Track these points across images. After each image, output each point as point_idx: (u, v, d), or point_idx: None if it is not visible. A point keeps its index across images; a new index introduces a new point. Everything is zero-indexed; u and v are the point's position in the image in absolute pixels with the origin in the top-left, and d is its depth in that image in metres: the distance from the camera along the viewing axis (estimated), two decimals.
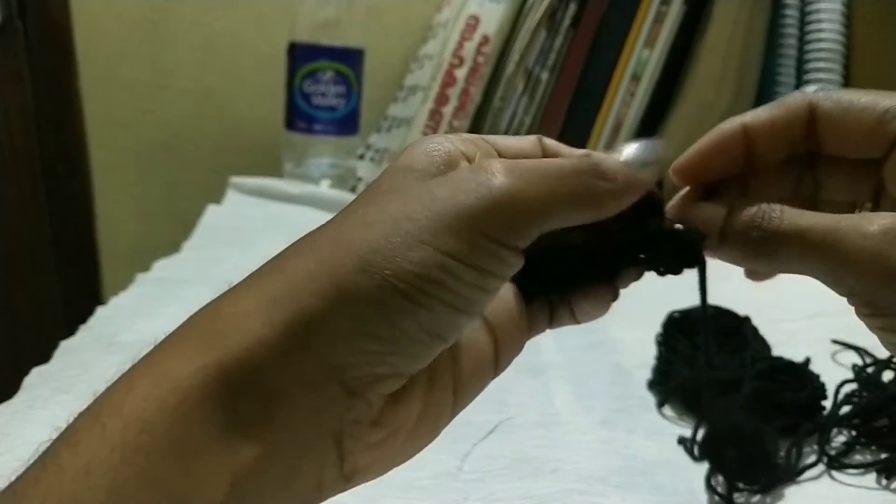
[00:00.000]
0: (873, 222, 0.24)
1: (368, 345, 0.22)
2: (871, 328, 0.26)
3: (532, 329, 0.28)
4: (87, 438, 0.21)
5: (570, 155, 0.28)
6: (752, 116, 0.29)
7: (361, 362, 0.22)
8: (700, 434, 0.44)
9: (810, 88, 0.30)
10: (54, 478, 0.20)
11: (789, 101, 0.28)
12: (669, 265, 0.28)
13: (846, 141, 0.28)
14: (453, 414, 0.27)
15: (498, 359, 0.27)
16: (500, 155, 0.27)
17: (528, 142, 0.28)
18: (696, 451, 0.44)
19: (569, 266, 0.27)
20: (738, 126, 0.28)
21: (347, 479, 0.24)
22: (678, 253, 0.27)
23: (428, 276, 0.22)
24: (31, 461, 0.21)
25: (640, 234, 0.27)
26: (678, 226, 0.28)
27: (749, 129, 0.28)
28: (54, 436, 0.22)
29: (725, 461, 0.42)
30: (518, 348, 0.28)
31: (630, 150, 0.25)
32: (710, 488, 0.42)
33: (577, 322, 0.28)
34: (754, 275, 0.30)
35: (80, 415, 0.22)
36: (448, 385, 0.26)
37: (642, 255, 0.28)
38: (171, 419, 0.21)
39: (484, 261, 0.23)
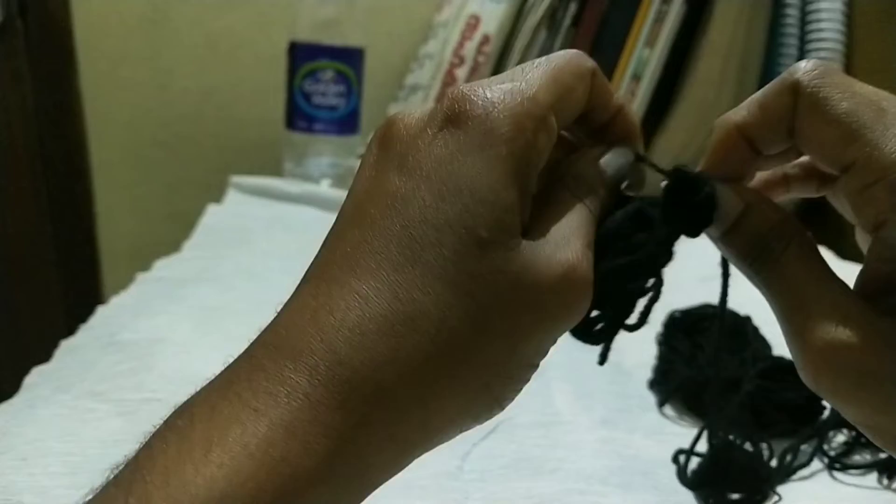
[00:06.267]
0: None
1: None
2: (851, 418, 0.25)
3: None
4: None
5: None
6: (741, 114, 0.27)
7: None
8: (697, 453, 0.42)
9: (803, 64, 0.25)
10: None
11: (773, 87, 0.26)
12: (686, 220, 0.27)
13: (816, 145, 0.26)
14: None
15: None
16: None
17: None
18: (688, 473, 0.42)
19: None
20: (731, 126, 0.27)
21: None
22: (689, 205, 0.26)
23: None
24: None
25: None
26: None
27: (742, 128, 0.27)
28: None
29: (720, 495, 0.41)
30: None
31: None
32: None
33: None
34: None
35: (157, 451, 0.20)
36: None
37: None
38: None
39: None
